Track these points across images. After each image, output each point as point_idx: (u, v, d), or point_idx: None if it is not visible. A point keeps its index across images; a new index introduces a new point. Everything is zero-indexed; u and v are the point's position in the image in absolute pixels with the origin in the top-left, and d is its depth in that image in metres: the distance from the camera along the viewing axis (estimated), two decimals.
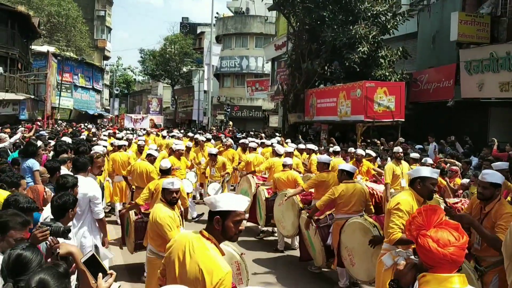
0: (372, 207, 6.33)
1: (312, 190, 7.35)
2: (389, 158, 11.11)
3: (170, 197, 4.79)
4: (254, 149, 11.45)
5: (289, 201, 7.33)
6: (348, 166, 6.53)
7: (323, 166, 7.32)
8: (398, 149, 9.22)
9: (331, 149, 11.39)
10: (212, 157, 10.51)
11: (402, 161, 8.89)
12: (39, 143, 7.41)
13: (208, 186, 10.39)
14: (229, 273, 2.52)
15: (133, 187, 8.90)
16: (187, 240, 2.65)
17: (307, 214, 6.47)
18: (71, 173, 5.13)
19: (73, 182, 4.29)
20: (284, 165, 8.17)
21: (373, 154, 10.69)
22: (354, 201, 5.96)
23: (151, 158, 8.59)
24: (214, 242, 2.62)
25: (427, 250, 2.19)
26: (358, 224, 5.48)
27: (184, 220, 6.67)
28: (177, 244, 2.71)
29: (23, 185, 4.70)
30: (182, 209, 6.41)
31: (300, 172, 9.02)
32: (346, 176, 6.19)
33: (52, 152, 7.54)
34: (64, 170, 5.78)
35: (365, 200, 6.09)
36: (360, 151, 9.99)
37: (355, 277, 5.71)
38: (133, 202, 6.76)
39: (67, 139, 10.13)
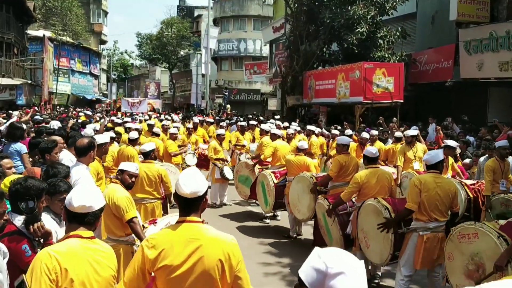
0: (398, 192, 5.93)
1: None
2: (389, 140, 11.05)
3: (129, 181, 4.72)
4: (267, 132, 11.01)
5: (306, 183, 7.01)
6: (370, 150, 5.96)
7: (342, 148, 7.04)
8: (414, 131, 8.85)
9: (333, 131, 11.30)
10: (220, 137, 10.22)
11: (417, 143, 8.63)
12: (25, 126, 7.31)
13: (223, 170, 9.80)
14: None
15: None
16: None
17: (330, 205, 6.04)
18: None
19: (65, 173, 4.00)
20: (300, 149, 7.80)
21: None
22: (379, 188, 5.60)
23: (133, 142, 8.24)
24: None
25: None
26: (371, 206, 5.32)
27: (169, 205, 6.60)
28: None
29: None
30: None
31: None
32: (367, 161, 5.84)
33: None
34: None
35: (389, 186, 5.75)
36: (365, 134, 9.77)
37: (370, 259, 5.54)
38: None
39: (56, 123, 10.03)
